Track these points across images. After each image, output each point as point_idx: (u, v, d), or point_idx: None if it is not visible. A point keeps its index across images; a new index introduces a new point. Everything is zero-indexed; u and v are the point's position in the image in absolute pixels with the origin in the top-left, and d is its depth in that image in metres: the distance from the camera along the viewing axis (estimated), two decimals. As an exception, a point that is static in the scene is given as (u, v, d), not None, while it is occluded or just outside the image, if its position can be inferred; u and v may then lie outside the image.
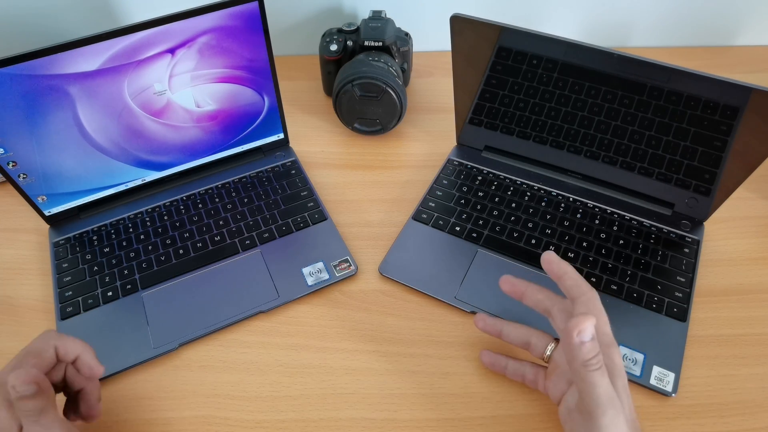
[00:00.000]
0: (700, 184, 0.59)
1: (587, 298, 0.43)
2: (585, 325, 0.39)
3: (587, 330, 0.39)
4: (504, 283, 0.48)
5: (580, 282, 0.44)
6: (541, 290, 0.47)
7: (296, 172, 0.69)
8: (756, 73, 0.84)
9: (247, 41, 0.60)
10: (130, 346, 0.53)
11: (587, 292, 0.43)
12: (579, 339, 0.39)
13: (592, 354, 0.39)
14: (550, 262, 0.45)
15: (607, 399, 0.38)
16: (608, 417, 0.38)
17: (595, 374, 0.39)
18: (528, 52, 0.58)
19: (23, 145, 0.56)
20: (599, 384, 0.38)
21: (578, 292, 0.43)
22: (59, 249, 0.62)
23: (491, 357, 0.51)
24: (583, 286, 0.43)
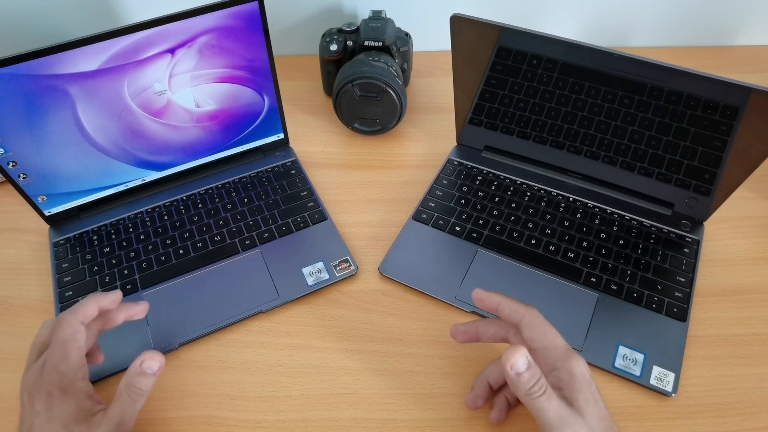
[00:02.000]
0: (700, 184, 0.59)
1: (528, 320, 0.43)
2: (515, 358, 0.40)
3: (519, 361, 0.40)
4: (456, 336, 0.48)
5: (515, 306, 0.44)
6: (490, 323, 0.47)
7: (296, 172, 0.69)
8: (756, 73, 0.84)
9: (247, 41, 0.60)
10: (130, 346, 0.53)
11: (525, 314, 0.44)
12: (513, 372, 0.40)
13: (531, 383, 0.39)
14: (481, 300, 0.46)
15: (560, 420, 0.39)
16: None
17: (540, 400, 0.39)
18: (528, 52, 0.58)
19: (23, 145, 0.56)
20: (547, 408, 0.39)
21: (518, 317, 0.44)
22: (59, 249, 0.62)
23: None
24: (520, 309, 0.44)
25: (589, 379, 0.41)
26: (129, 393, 0.42)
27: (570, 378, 0.40)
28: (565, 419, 0.39)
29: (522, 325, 0.44)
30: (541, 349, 0.42)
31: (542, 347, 0.42)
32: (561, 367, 0.41)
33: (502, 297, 0.45)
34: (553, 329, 0.43)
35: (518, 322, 0.44)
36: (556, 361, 0.41)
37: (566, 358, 0.41)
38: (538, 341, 0.43)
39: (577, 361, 0.41)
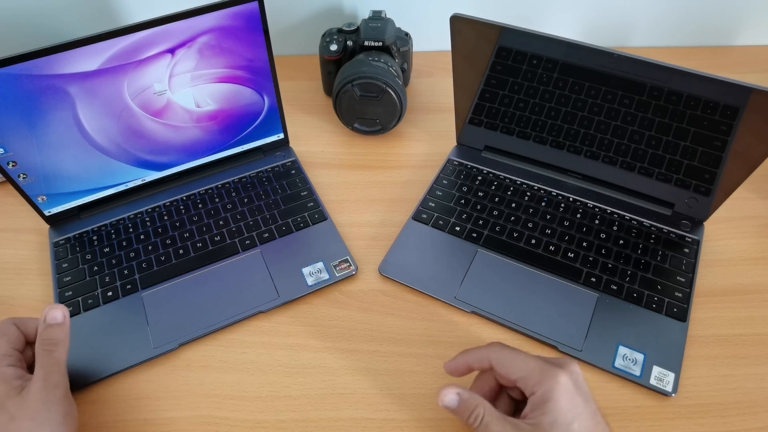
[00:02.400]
0: (700, 184, 0.59)
1: (494, 359, 0.43)
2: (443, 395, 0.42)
3: (446, 398, 0.42)
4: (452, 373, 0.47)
5: (479, 355, 0.44)
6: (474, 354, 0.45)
7: (296, 172, 0.69)
8: (756, 73, 0.84)
9: (247, 41, 0.60)
10: (130, 346, 0.53)
11: (490, 355, 0.43)
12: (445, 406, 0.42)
13: (465, 416, 0.41)
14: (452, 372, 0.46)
15: None
16: None
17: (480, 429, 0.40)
18: (528, 52, 0.58)
19: (23, 145, 0.56)
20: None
21: (487, 362, 0.44)
22: (59, 249, 0.62)
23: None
24: (483, 353, 0.44)
25: (569, 394, 0.40)
26: (43, 346, 0.44)
27: (542, 401, 0.40)
28: None
29: (493, 366, 0.43)
30: (519, 380, 0.42)
31: (518, 378, 0.42)
32: (537, 391, 0.40)
33: (465, 354, 0.45)
34: (520, 355, 0.43)
35: (490, 366, 0.43)
36: (534, 386, 0.41)
37: (541, 381, 0.40)
38: (513, 374, 0.42)
39: (554, 381, 0.40)
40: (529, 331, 0.53)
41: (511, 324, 0.54)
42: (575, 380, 0.41)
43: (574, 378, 0.41)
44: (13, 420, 0.41)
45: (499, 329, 0.55)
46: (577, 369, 0.42)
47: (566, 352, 0.52)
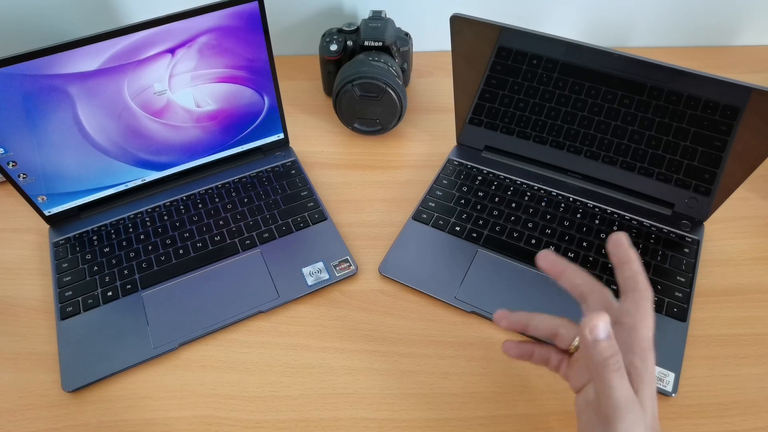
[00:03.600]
0: (700, 184, 0.59)
1: (640, 296, 0.40)
2: (595, 322, 0.37)
3: (599, 327, 0.37)
4: (542, 259, 0.44)
5: (638, 276, 0.40)
6: (581, 274, 0.43)
7: (296, 172, 0.69)
8: (756, 73, 0.84)
9: (247, 41, 0.60)
10: (130, 346, 0.53)
11: (642, 290, 0.40)
12: (592, 337, 0.37)
13: (609, 353, 0.37)
14: (619, 244, 0.41)
15: (626, 403, 0.36)
16: (626, 423, 0.36)
17: (613, 375, 0.37)
18: (528, 52, 0.58)
19: (23, 145, 0.56)
20: (617, 386, 0.36)
21: (633, 286, 0.40)
22: (59, 249, 0.62)
23: (517, 347, 0.46)
24: (642, 282, 0.40)
25: (655, 381, 0.39)
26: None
27: (644, 369, 0.38)
28: (630, 405, 0.36)
29: (628, 297, 0.40)
30: (631, 328, 0.39)
31: (633, 327, 0.39)
32: (639, 355, 0.38)
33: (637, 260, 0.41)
34: (651, 321, 0.40)
35: (628, 291, 0.40)
36: (637, 347, 0.39)
37: (647, 349, 0.39)
38: (633, 318, 0.39)
39: (653, 360, 0.39)
40: (529, 331, 0.53)
41: (511, 324, 0.54)
42: None
43: None
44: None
45: (499, 329, 0.55)
46: None
47: (566, 352, 0.52)
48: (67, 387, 0.51)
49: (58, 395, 0.51)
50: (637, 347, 0.39)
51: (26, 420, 0.50)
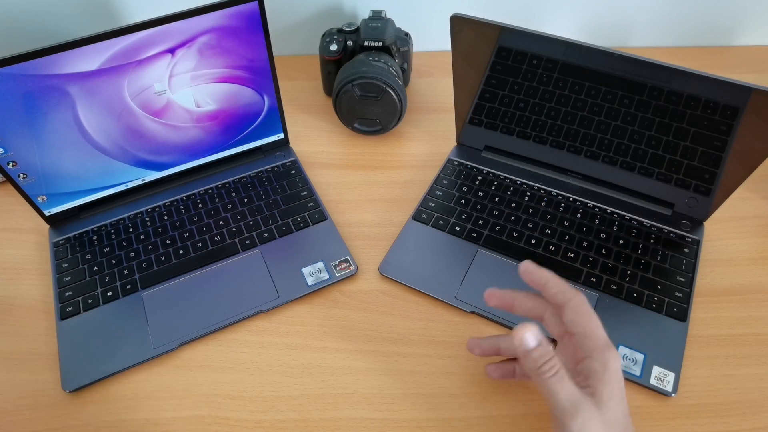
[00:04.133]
0: (700, 184, 0.59)
1: (574, 304, 0.42)
2: (523, 333, 0.39)
3: (527, 338, 0.39)
4: (490, 298, 0.46)
5: (563, 288, 0.43)
6: (530, 297, 0.45)
7: (296, 172, 0.69)
8: (756, 73, 0.84)
9: (247, 41, 0.60)
10: (130, 346, 0.53)
11: (573, 298, 0.42)
12: (523, 348, 0.39)
13: (542, 361, 0.39)
14: (530, 272, 0.44)
15: (572, 405, 0.38)
16: (577, 423, 0.37)
17: (551, 381, 0.38)
18: (528, 52, 0.58)
19: (23, 145, 0.56)
20: (558, 391, 0.38)
21: (564, 299, 0.42)
22: (59, 249, 0.62)
23: (498, 369, 0.49)
24: (568, 291, 0.42)
25: (620, 376, 0.40)
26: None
27: (602, 369, 0.39)
28: (577, 405, 0.38)
29: (567, 307, 0.42)
30: (581, 335, 0.41)
31: (582, 333, 0.41)
32: (596, 357, 0.40)
33: (552, 275, 0.43)
34: (597, 320, 0.41)
35: (563, 303, 0.42)
36: (593, 351, 0.40)
37: (603, 349, 0.40)
38: (580, 326, 0.41)
39: (614, 357, 0.40)
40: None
41: (511, 324, 0.54)
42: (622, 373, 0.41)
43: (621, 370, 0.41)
44: None
45: (499, 329, 0.55)
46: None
47: (566, 352, 0.52)
48: (67, 387, 0.51)
49: (58, 395, 0.51)
50: (594, 350, 0.40)
51: (26, 420, 0.50)
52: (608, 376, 0.39)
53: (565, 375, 0.39)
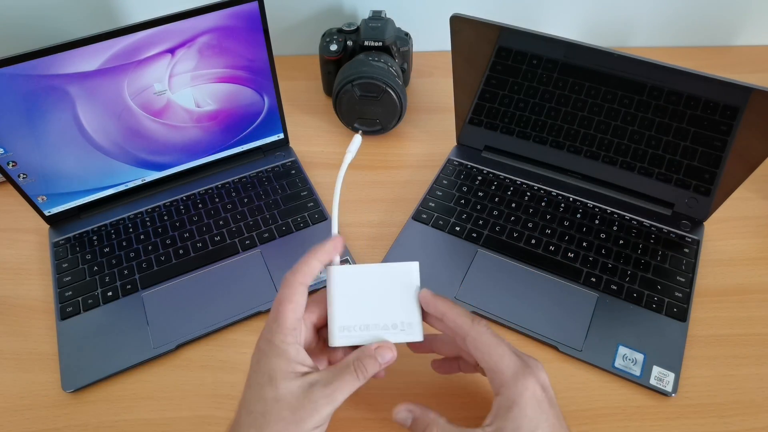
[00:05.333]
0: (700, 184, 0.59)
1: (472, 338, 0.41)
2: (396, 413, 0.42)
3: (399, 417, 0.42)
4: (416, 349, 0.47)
5: (460, 321, 0.41)
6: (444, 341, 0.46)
7: (296, 172, 0.69)
8: (756, 73, 0.84)
9: (247, 41, 0.60)
10: (130, 346, 0.53)
11: (470, 332, 0.41)
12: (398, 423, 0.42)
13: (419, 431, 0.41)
14: (427, 303, 0.43)
15: None
16: None
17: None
18: (528, 52, 0.58)
19: (23, 145, 0.56)
20: None
21: (462, 333, 0.41)
22: (59, 249, 0.62)
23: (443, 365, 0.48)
24: (465, 324, 0.41)
25: (537, 400, 0.39)
26: (357, 368, 0.40)
27: (508, 407, 0.38)
28: None
29: (467, 342, 0.41)
30: (487, 370, 0.40)
31: (487, 369, 0.40)
32: (504, 393, 0.39)
33: (450, 307, 0.42)
34: (501, 347, 0.40)
35: (463, 338, 0.41)
36: (501, 386, 0.39)
37: (512, 383, 0.39)
38: (483, 362, 0.40)
39: (524, 386, 0.39)
40: (529, 331, 0.53)
41: (511, 324, 0.54)
42: (543, 384, 0.40)
43: (542, 382, 0.40)
44: (277, 401, 0.38)
45: (500, 329, 0.54)
46: (544, 374, 0.41)
47: (566, 352, 0.52)
48: (67, 387, 0.51)
49: (58, 395, 0.51)
50: (500, 387, 0.40)
51: (26, 420, 0.50)
52: (515, 413, 0.38)
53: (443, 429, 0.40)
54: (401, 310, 0.43)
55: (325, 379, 0.39)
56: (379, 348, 0.41)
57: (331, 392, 0.38)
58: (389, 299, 0.43)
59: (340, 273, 0.43)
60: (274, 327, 0.39)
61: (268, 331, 0.40)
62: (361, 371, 0.40)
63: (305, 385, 0.38)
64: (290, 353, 0.39)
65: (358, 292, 0.43)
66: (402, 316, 0.43)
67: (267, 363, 0.39)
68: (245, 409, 0.39)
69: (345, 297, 0.43)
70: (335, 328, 0.42)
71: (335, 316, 0.42)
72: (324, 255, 0.42)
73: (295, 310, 0.40)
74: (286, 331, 0.39)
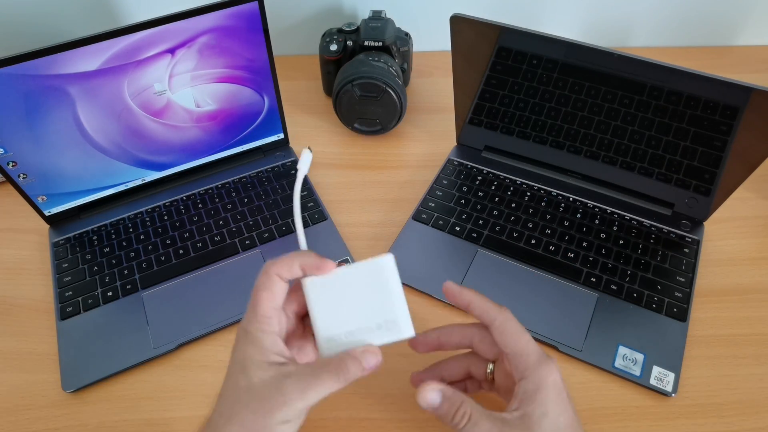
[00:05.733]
0: (700, 184, 0.59)
1: (500, 322, 0.41)
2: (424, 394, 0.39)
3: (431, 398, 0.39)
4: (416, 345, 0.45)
5: (487, 306, 0.42)
6: (452, 331, 0.44)
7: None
8: (756, 73, 0.84)
9: (247, 41, 0.60)
10: (130, 346, 0.53)
11: (498, 316, 0.41)
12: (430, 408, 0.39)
13: (452, 413, 0.38)
14: (453, 295, 0.43)
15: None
16: None
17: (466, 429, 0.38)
18: (528, 52, 0.58)
19: (23, 145, 0.56)
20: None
21: (489, 319, 0.41)
22: (59, 249, 0.62)
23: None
24: (493, 310, 0.41)
25: (559, 387, 0.39)
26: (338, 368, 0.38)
27: (534, 390, 0.38)
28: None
29: (494, 327, 0.41)
30: (512, 355, 0.40)
31: (513, 353, 0.40)
32: (529, 376, 0.39)
33: (475, 295, 0.42)
34: (526, 334, 0.41)
35: (490, 324, 0.41)
36: (525, 370, 0.39)
37: (537, 366, 0.39)
38: (509, 346, 0.40)
39: (549, 370, 0.39)
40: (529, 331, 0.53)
41: (511, 324, 0.54)
42: (561, 376, 0.40)
43: (560, 373, 0.40)
44: (248, 391, 0.37)
45: (499, 329, 0.54)
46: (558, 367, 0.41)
47: (566, 352, 0.52)
48: (67, 387, 0.51)
49: (58, 395, 0.51)
50: (526, 370, 0.39)
51: (26, 420, 0.50)
52: (541, 396, 0.38)
53: (479, 417, 0.38)
54: (383, 308, 0.41)
55: (302, 373, 0.37)
56: (365, 352, 0.39)
57: (304, 388, 0.37)
58: (369, 300, 0.41)
59: (315, 284, 0.41)
60: (251, 315, 0.39)
61: (245, 320, 0.39)
62: (344, 373, 0.38)
63: (279, 376, 0.37)
64: (265, 342, 0.38)
65: (337, 298, 0.41)
66: (385, 314, 0.41)
67: (242, 351, 0.38)
68: (220, 397, 0.38)
69: (325, 306, 0.41)
70: (321, 339, 0.41)
71: (318, 328, 0.41)
72: (308, 260, 0.41)
73: (271, 298, 0.39)
74: (261, 319, 0.38)
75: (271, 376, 0.37)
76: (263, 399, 0.36)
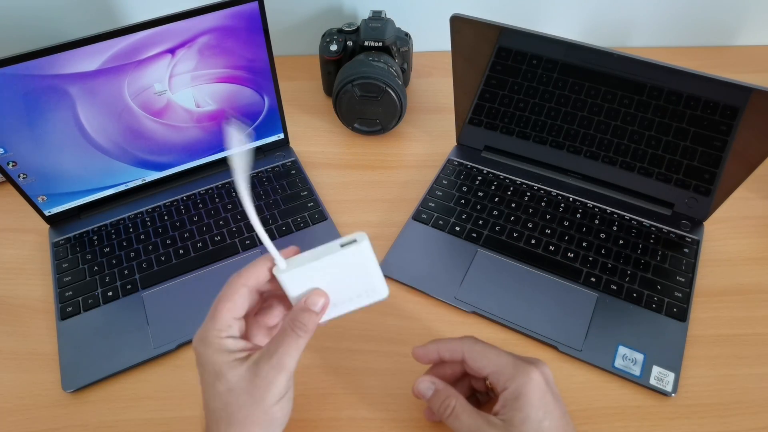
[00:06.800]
0: (700, 184, 0.59)
1: (467, 352, 0.43)
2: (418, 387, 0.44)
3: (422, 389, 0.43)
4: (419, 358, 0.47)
5: (451, 346, 0.44)
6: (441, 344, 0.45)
7: (296, 172, 0.69)
8: (756, 73, 0.84)
9: (247, 41, 0.60)
10: (130, 346, 0.53)
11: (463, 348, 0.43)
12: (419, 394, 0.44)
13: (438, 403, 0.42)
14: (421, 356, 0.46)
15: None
16: None
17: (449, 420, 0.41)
18: (528, 52, 0.58)
19: (23, 145, 0.56)
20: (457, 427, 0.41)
21: (459, 354, 0.44)
22: (59, 249, 0.62)
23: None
24: (456, 345, 0.44)
25: (541, 392, 0.40)
26: (294, 327, 0.39)
27: (514, 398, 0.40)
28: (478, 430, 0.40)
29: (465, 359, 0.43)
30: (491, 375, 0.42)
31: (491, 373, 0.42)
32: (509, 387, 0.40)
33: (437, 342, 0.45)
34: (493, 350, 0.43)
35: (461, 359, 0.44)
36: (506, 382, 0.41)
37: (513, 377, 0.41)
38: (484, 370, 0.42)
39: (527, 378, 0.40)
40: (529, 331, 0.53)
41: (511, 324, 0.54)
42: (546, 378, 0.41)
43: (546, 376, 0.41)
44: (231, 391, 0.38)
45: (499, 329, 0.54)
46: (548, 369, 0.42)
47: (566, 352, 0.52)
48: (67, 387, 0.51)
49: (58, 395, 0.51)
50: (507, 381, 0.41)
51: (26, 420, 0.50)
52: (520, 402, 0.40)
53: (461, 411, 0.41)
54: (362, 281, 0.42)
55: (268, 351, 0.39)
56: (308, 299, 0.41)
57: (277, 361, 0.38)
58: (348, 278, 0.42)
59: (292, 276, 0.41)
60: (209, 325, 0.40)
61: (203, 329, 0.40)
62: (300, 328, 0.40)
63: (251, 365, 0.38)
64: (228, 345, 0.39)
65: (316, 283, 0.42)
66: (364, 285, 0.43)
67: (209, 361, 0.39)
68: (207, 410, 0.40)
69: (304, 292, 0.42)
70: None
71: None
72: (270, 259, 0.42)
73: (231, 309, 0.40)
74: (220, 326, 0.40)
75: (246, 368, 0.38)
76: (248, 391, 0.38)
